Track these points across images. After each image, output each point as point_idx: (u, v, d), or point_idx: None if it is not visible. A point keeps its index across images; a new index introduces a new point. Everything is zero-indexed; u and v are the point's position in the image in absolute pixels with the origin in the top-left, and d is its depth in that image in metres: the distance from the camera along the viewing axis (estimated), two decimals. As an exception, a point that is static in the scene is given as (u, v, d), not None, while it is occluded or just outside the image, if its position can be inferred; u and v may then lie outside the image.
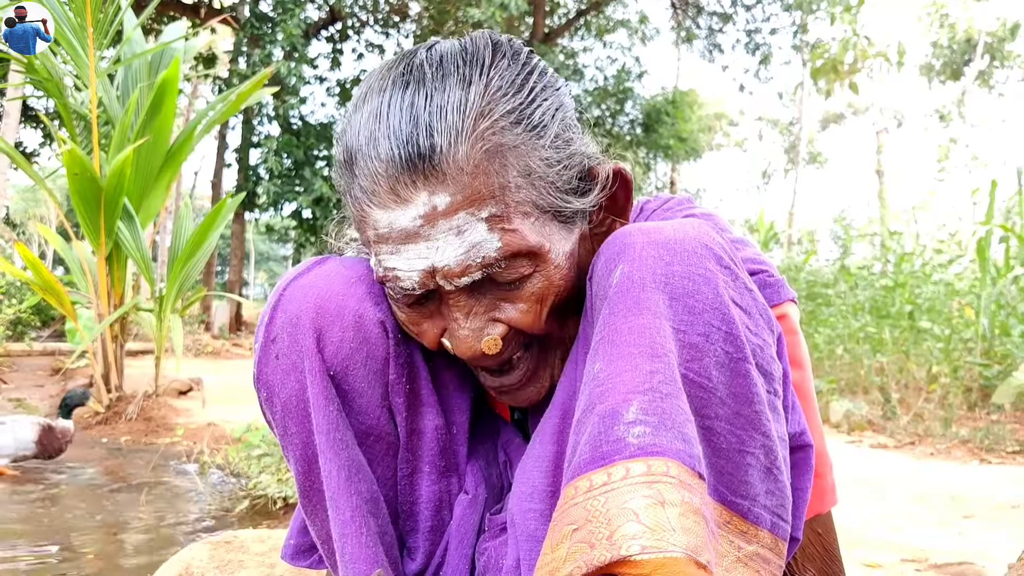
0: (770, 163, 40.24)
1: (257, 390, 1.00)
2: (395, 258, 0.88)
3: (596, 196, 0.96)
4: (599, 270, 0.86)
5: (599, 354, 0.78)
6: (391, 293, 0.94)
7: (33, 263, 5.40)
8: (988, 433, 5.46)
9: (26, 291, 11.97)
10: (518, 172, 0.87)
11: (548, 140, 0.90)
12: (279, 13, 15.87)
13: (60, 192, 16.72)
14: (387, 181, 0.84)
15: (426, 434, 1.03)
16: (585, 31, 22.11)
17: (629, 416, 0.72)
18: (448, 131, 0.83)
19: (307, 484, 0.99)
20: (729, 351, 0.78)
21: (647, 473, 0.69)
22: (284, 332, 0.96)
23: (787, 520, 0.83)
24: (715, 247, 0.82)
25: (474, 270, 0.87)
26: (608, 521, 0.67)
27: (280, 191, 16.07)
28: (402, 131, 0.83)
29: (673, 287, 0.78)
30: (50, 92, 5.64)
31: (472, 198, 0.84)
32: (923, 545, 2.96)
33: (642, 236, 0.83)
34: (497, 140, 0.85)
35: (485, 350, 0.91)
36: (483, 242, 0.85)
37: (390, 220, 0.86)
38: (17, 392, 7.26)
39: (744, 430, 0.78)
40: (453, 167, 0.83)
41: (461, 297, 0.90)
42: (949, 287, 7.95)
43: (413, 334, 0.98)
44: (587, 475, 0.72)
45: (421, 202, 0.84)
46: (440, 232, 0.85)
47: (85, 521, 3.18)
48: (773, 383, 0.82)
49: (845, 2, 21.59)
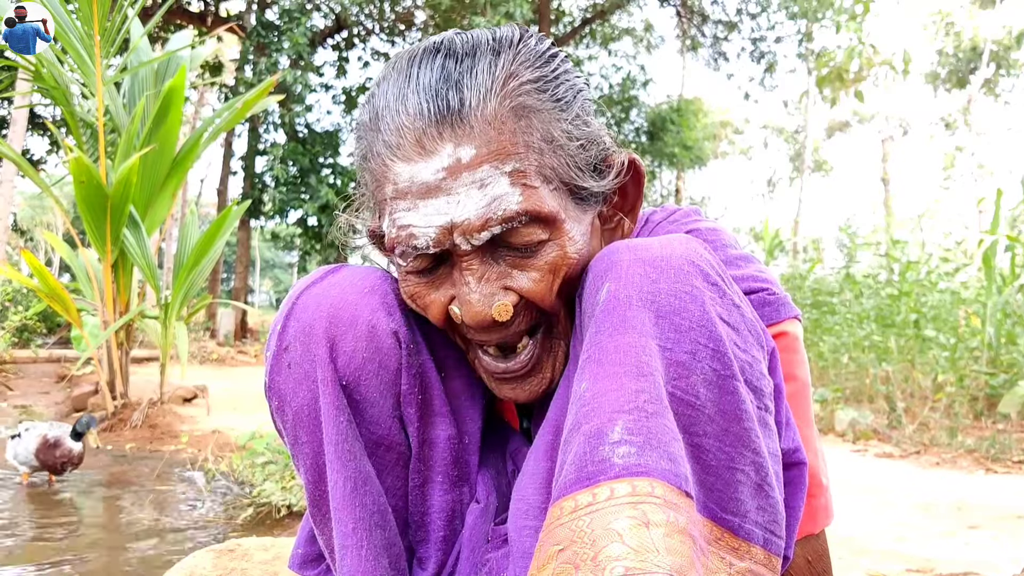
0: (775, 171, 40.23)
1: (268, 399, 0.99)
2: (412, 214, 0.88)
3: (611, 181, 0.97)
4: (587, 288, 0.86)
5: (585, 373, 0.78)
6: (400, 263, 0.93)
7: (39, 270, 5.42)
8: (994, 442, 5.44)
9: (32, 298, 12.01)
10: (541, 136, 0.89)
11: (570, 116, 0.92)
12: (285, 22, 15.92)
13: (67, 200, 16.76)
14: (413, 133, 0.86)
15: (438, 444, 1.02)
16: (590, 39, 22.16)
17: (614, 436, 0.71)
18: (478, 87, 0.86)
19: (317, 494, 0.99)
20: (716, 368, 0.77)
21: (632, 494, 0.69)
22: (297, 341, 0.96)
23: (780, 536, 0.82)
24: (702, 264, 0.82)
25: (494, 224, 0.86)
26: (592, 542, 0.67)
27: (286, 199, 16.10)
28: (432, 87, 0.86)
29: (659, 305, 0.78)
30: (57, 100, 5.67)
31: (497, 152, 0.86)
32: (928, 555, 2.94)
33: (629, 253, 0.83)
34: (524, 101, 0.88)
35: (496, 316, 0.90)
36: (505, 195, 0.86)
37: (412, 173, 0.87)
38: (23, 399, 7.28)
39: (733, 447, 0.78)
40: (480, 120, 0.85)
41: (474, 261, 0.90)
42: (955, 296, 7.93)
43: (419, 308, 0.97)
44: (572, 495, 0.72)
45: (446, 154, 0.85)
46: (462, 185, 0.85)
47: (90, 527, 3.18)
48: (763, 399, 0.82)
49: (850, 10, 21.58)
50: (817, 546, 1.02)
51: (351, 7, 17.20)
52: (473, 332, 0.95)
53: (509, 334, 0.94)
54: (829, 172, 35.97)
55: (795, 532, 0.87)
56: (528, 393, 0.98)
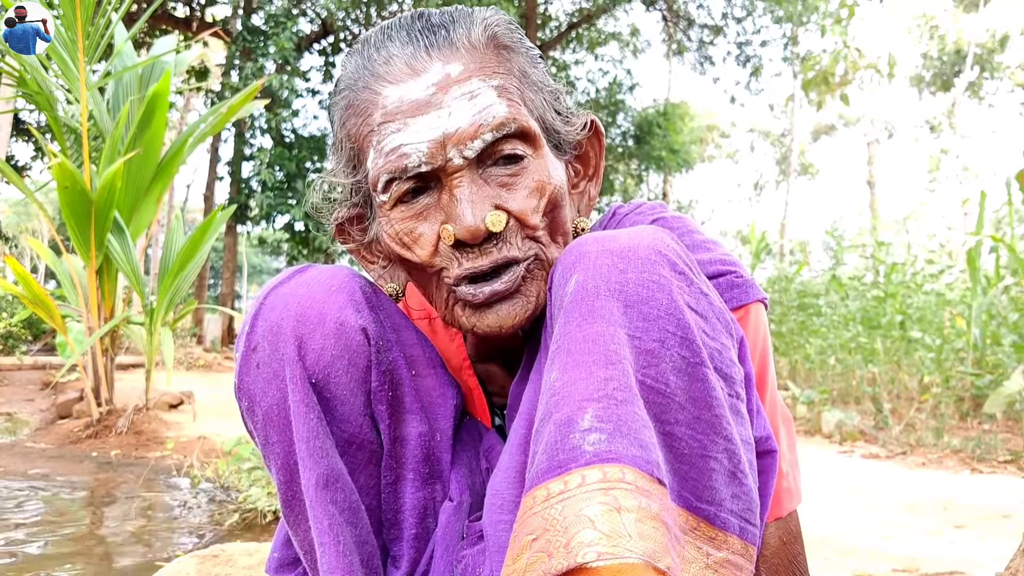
0: (762, 174, 40.42)
1: (238, 400, 0.99)
2: (402, 134, 0.91)
3: (577, 131, 1.03)
4: (556, 280, 0.86)
5: (555, 363, 0.79)
6: (384, 198, 0.95)
7: (24, 277, 5.39)
8: (979, 443, 5.47)
9: (17, 305, 11.94)
10: (519, 70, 0.97)
11: (540, 70, 1.01)
12: (271, 26, 15.88)
13: (51, 206, 16.67)
14: (402, 57, 0.93)
15: (409, 441, 1.02)
16: (577, 44, 22.20)
17: (584, 424, 0.72)
18: (462, 19, 0.96)
19: (289, 494, 0.98)
20: (686, 356, 0.78)
21: (603, 480, 0.69)
22: (265, 341, 0.96)
23: (755, 524, 0.83)
24: (669, 253, 0.83)
25: (485, 131, 0.91)
26: (565, 529, 0.67)
27: (272, 203, 16.04)
28: (416, 22, 0.96)
29: (627, 294, 0.79)
30: (41, 105, 5.63)
31: (483, 67, 0.93)
32: (914, 554, 2.96)
33: (596, 245, 0.84)
34: (503, 40, 0.98)
35: (489, 226, 0.91)
36: (493, 104, 0.92)
37: (401, 94, 0.92)
38: (8, 406, 7.23)
39: (705, 434, 0.78)
40: (466, 42, 0.94)
41: (464, 179, 0.92)
42: (940, 297, 7.98)
43: (407, 247, 0.97)
44: (544, 484, 0.72)
45: (435, 71, 0.92)
46: (452, 98, 0.91)
47: (74, 534, 3.16)
48: (734, 386, 0.82)
49: (835, 14, 21.72)
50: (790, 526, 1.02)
51: (337, 12, 17.17)
52: (466, 255, 0.94)
53: (500, 257, 0.93)
54: (815, 175, 36.16)
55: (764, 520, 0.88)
56: (514, 317, 0.96)
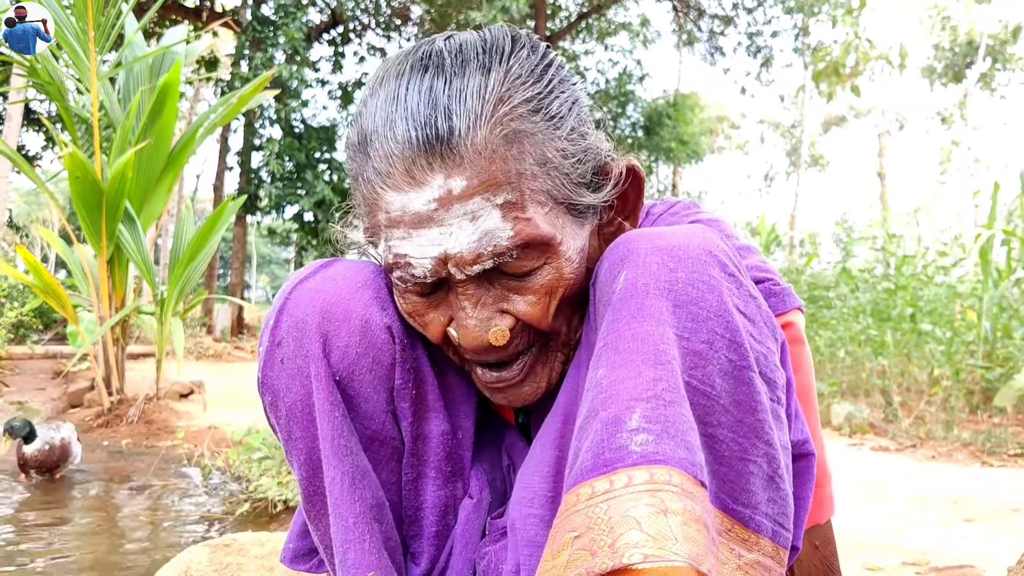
0: (772, 166, 40.23)
1: (261, 394, 0.99)
2: (407, 244, 0.87)
3: (609, 192, 0.95)
4: (602, 276, 0.86)
5: (602, 360, 0.78)
6: (399, 283, 0.93)
7: (35, 266, 5.41)
8: (990, 436, 5.45)
9: (28, 294, 11.98)
10: (534, 160, 0.87)
11: (564, 132, 0.90)
12: (281, 16, 15.87)
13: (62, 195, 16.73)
14: (403, 163, 0.84)
15: (432, 439, 1.02)
16: (587, 34, 22.12)
17: (632, 424, 0.71)
18: (467, 114, 0.83)
19: (311, 489, 0.99)
20: (733, 359, 0.77)
21: (650, 481, 0.68)
22: (290, 336, 0.95)
23: (788, 528, 0.82)
24: (720, 254, 0.82)
25: (486, 258, 0.86)
26: (610, 529, 0.67)
27: (282, 194, 16.06)
28: (420, 113, 0.83)
29: (677, 294, 0.78)
30: (52, 96, 5.65)
31: (488, 183, 0.84)
32: (924, 548, 2.95)
33: (646, 242, 0.83)
34: (516, 126, 0.85)
35: (492, 341, 0.90)
36: (496, 230, 0.85)
37: (403, 203, 0.85)
38: (19, 395, 7.26)
39: (747, 438, 0.78)
40: (471, 150, 0.83)
41: (470, 286, 0.89)
42: (951, 290, 7.94)
43: (418, 326, 0.97)
44: (589, 482, 0.71)
45: (436, 185, 0.84)
46: (454, 217, 0.84)
47: (85, 523, 3.18)
48: (776, 391, 0.82)
49: (847, 4, 21.58)
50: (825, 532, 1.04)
51: (347, 2, 17.17)
52: (470, 354, 0.95)
53: (507, 355, 0.94)
54: (825, 167, 35.94)
55: (803, 523, 0.87)
56: (523, 399, 0.98)
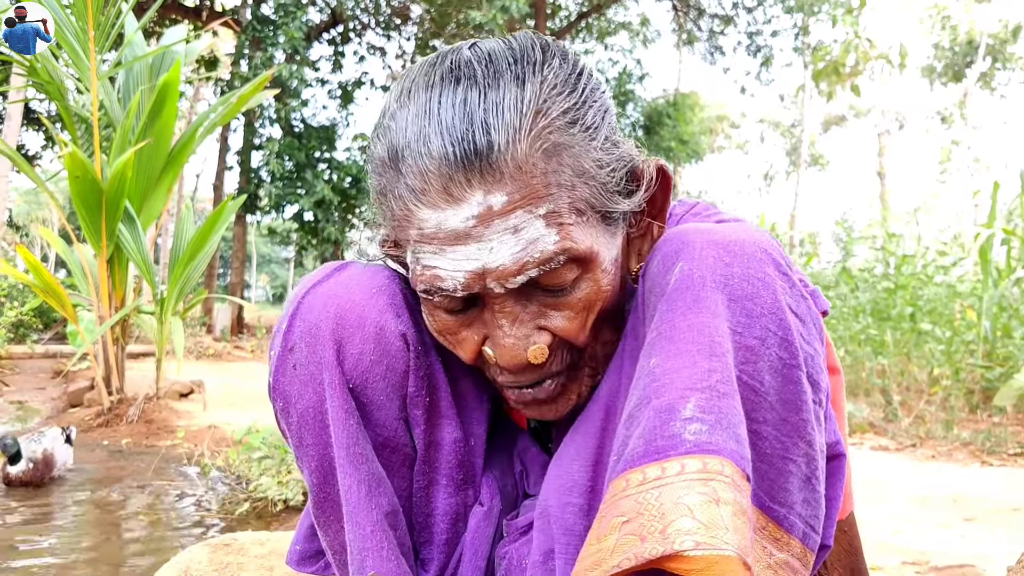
0: (772, 165, 40.30)
1: (272, 400, 0.98)
2: (438, 258, 0.84)
3: (641, 196, 0.94)
4: (654, 267, 0.85)
5: (655, 349, 0.78)
6: (427, 298, 0.90)
7: (35, 266, 5.40)
8: (989, 435, 5.45)
9: (28, 293, 11.99)
10: (572, 172, 0.85)
11: (599, 142, 0.88)
12: (281, 16, 15.89)
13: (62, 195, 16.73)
14: (439, 179, 0.80)
15: (444, 446, 1.01)
16: (587, 33, 22.13)
17: (686, 412, 0.71)
18: (506, 128, 0.80)
19: (322, 496, 0.98)
20: (783, 357, 0.77)
21: (703, 470, 0.69)
22: (303, 342, 0.94)
23: (818, 532, 0.83)
24: (773, 252, 0.82)
25: (531, 267, 0.83)
26: (662, 515, 0.67)
27: (282, 193, 16.08)
28: (456, 128, 0.80)
29: (732, 288, 0.78)
30: (52, 95, 5.64)
31: (530, 196, 0.81)
32: (924, 547, 2.95)
33: (701, 236, 0.83)
34: (554, 139, 0.83)
35: (531, 359, 0.88)
36: (541, 238, 0.82)
37: (439, 220, 0.82)
38: (19, 395, 7.26)
39: (789, 437, 0.78)
40: (511, 165, 0.80)
41: (508, 302, 0.87)
42: (951, 289, 7.93)
43: (449, 345, 0.94)
44: (640, 468, 0.71)
45: (476, 202, 0.81)
46: (495, 232, 0.81)
47: (85, 522, 3.18)
48: (819, 393, 0.82)
49: (847, 4, 21.58)
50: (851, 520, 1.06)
51: (347, 1, 17.16)
52: (506, 373, 0.93)
53: (543, 372, 0.92)
54: (825, 166, 35.96)
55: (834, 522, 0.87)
56: (554, 414, 0.97)
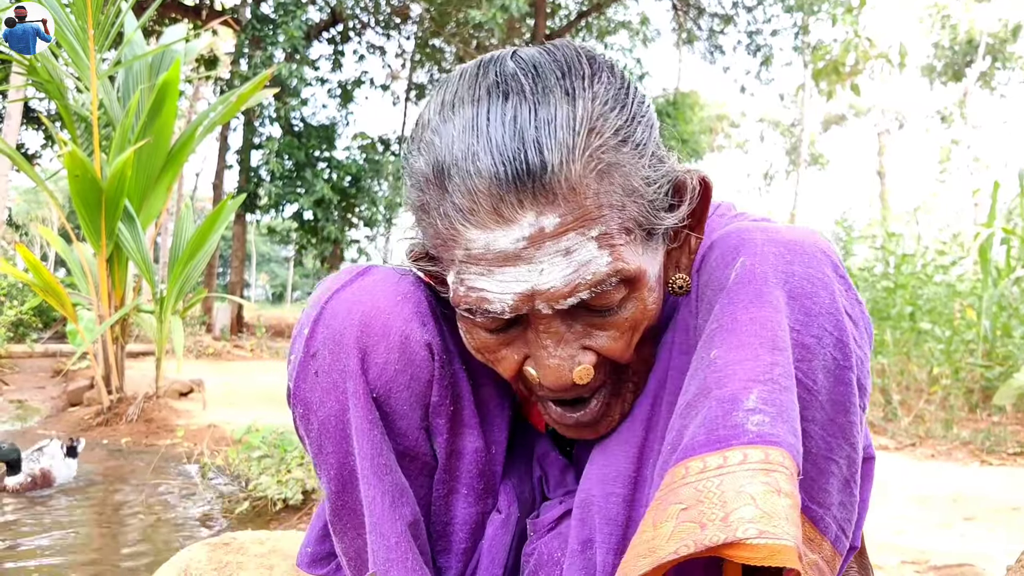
0: (772, 165, 40.23)
1: (292, 406, 0.96)
2: (485, 280, 0.82)
3: (685, 211, 0.91)
4: (713, 261, 0.86)
5: (716, 341, 0.78)
6: (468, 316, 0.87)
7: (34, 265, 5.40)
8: (989, 435, 5.45)
9: (28, 293, 11.97)
10: (623, 192, 0.82)
11: (647, 159, 0.86)
12: (280, 15, 15.86)
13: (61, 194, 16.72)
14: (489, 200, 0.77)
15: (465, 456, 1.01)
16: (586, 33, 22.10)
17: (749, 403, 0.72)
18: (559, 148, 0.77)
19: (340, 504, 0.97)
20: (837, 358, 0.78)
21: (764, 461, 0.69)
22: (326, 349, 0.93)
23: (848, 536, 0.83)
24: (831, 254, 0.83)
25: (583, 289, 0.81)
26: (723, 503, 0.67)
27: (281, 192, 16.07)
28: (507, 147, 0.77)
29: (792, 286, 0.79)
30: (51, 94, 5.64)
31: (583, 218, 0.79)
32: (923, 547, 2.95)
33: (761, 234, 0.84)
34: (608, 159, 0.81)
35: (576, 380, 0.86)
36: (593, 260, 0.80)
37: (487, 241, 0.79)
38: (19, 394, 7.26)
39: (835, 437, 0.79)
40: (564, 186, 0.77)
41: (554, 323, 0.85)
42: (951, 289, 7.93)
43: (487, 361, 0.93)
44: (701, 456, 0.72)
45: (527, 223, 0.78)
46: (545, 254, 0.79)
47: (85, 522, 3.18)
48: (864, 398, 0.82)
49: (847, 3, 21.56)
50: None
51: (346, 0, 17.14)
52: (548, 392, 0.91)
53: (586, 391, 0.91)
54: (825, 166, 35.92)
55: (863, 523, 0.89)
56: (594, 435, 0.96)
